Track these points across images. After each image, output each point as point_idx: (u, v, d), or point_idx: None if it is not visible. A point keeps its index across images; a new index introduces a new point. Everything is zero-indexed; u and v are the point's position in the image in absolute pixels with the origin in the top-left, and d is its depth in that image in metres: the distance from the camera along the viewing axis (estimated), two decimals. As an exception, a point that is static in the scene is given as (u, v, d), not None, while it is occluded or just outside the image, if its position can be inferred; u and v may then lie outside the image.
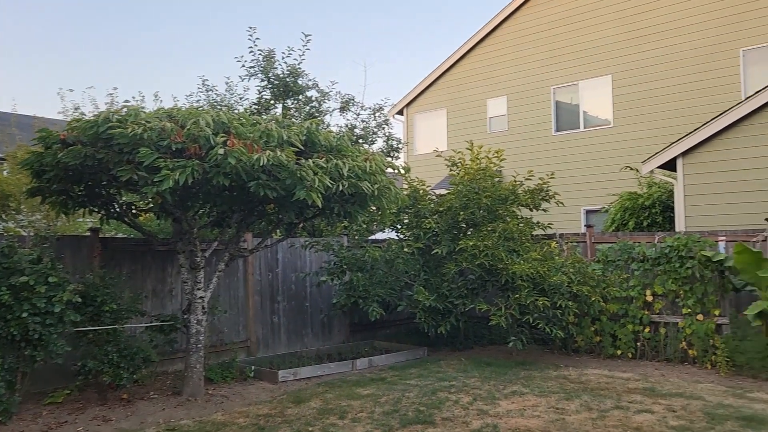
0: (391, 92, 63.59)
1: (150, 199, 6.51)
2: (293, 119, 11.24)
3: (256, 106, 12.08)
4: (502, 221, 9.82)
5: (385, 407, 6.70)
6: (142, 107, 6.88)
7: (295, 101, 12.36)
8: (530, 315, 8.76)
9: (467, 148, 10.41)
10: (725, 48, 14.19)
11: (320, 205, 6.32)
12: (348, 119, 14.03)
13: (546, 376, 8.17)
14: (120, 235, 10.49)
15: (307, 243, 9.80)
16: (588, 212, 16.05)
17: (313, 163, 6.30)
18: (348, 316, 10.65)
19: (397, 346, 10.21)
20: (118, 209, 7.62)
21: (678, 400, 6.86)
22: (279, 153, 6.03)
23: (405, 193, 10.15)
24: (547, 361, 9.25)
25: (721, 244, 9.20)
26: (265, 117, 7.41)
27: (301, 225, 9.10)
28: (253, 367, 8.40)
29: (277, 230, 8.97)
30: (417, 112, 20.19)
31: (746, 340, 8.12)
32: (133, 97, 22.08)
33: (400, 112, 20.45)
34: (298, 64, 12.18)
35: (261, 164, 5.90)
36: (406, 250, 9.78)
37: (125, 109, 6.34)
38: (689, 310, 8.89)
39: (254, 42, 12.04)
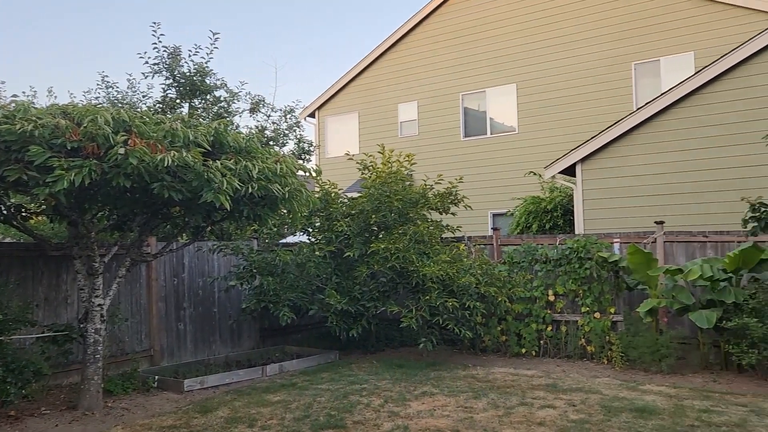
0: (303, 94, 63.16)
1: (42, 201, 6.08)
2: (200, 119, 10.88)
3: (161, 105, 11.60)
4: (413, 224, 9.95)
5: (296, 413, 6.60)
6: (33, 103, 6.41)
7: (203, 101, 11.97)
8: (440, 316, 8.92)
9: (379, 152, 10.47)
10: (619, 61, 15.12)
11: (229, 208, 6.13)
12: (258, 121, 13.79)
13: (455, 376, 8.34)
14: (8, 240, 9.74)
15: (215, 247, 9.50)
16: (495, 215, 16.59)
17: (222, 164, 6.11)
18: (258, 321, 10.42)
19: (309, 351, 10.10)
20: (5, 212, 7.07)
21: (578, 394, 7.20)
22: (185, 154, 5.80)
23: (317, 196, 10.06)
24: (457, 361, 9.45)
25: (616, 246, 9.77)
26: (170, 116, 7.11)
27: (209, 228, 8.82)
28: (156, 377, 8.03)
29: (184, 234, 8.64)
30: (329, 114, 20.14)
31: (638, 336, 8.64)
32: (24, 92, 20.66)
33: (312, 115, 20.33)
34: (206, 63, 11.81)
35: (165, 165, 5.65)
36: (317, 253, 9.70)
37: (13, 105, 5.90)
38: (588, 308, 9.36)
39: (158, 38, 11.56)
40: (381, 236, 9.96)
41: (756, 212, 7.41)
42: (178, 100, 11.74)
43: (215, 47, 11.67)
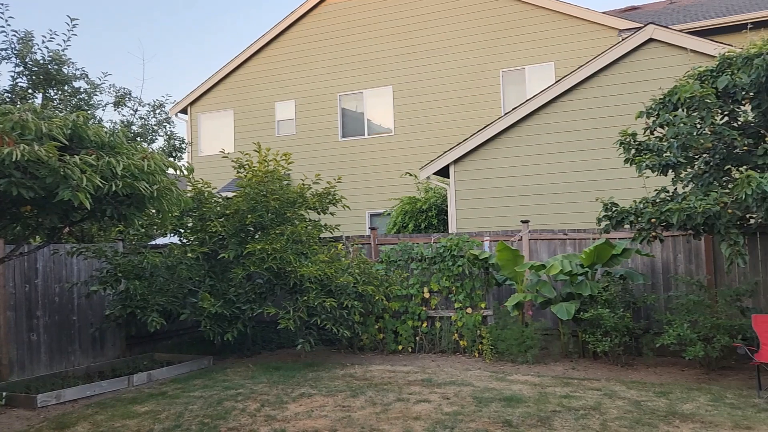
0: (175, 89, 60.32)
1: None
2: (57, 111, 10.01)
3: (9, 95, 10.53)
4: (291, 224, 9.81)
5: (165, 423, 6.25)
6: None
7: (60, 92, 11.02)
8: (318, 316, 8.87)
9: (255, 150, 10.22)
10: (489, 68, 15.87)
11: (89, 207, 5.67)
12: (124, 115, 12.92)
13: (333, 376, 8.32)
14: None
15: (74, 249, 8.78)
16: (372, 215, 16.79)
17: (81, 160, 5.64)
18: (124, 328, 9.77)
19: (180, 357, 9.64)
20: None
21: (451, 388, 7.44)
22: (37, 147, 5.29)
23: (189, 195, 9.63)
24: (335, 361, 9.44)
25: (486, 244, 10.23)
26: (20, 106, 6.45)
27: (68, 229, 8.13)
28: (4, 394, 7.27)
29: (37, 236, 7.90)
30: (202, 111, 19.38)
31: (506, 329, 9.11)
32: None
33: (184, 111, 19.47)
34: (63, 50, 10.88)
35: (14, 159, 5.12)
36: (189, 255, 9.28)
37: None
38: (460, 304, 9.72)
39: (6, 21, 10.50)
40: (258, 237, 9.73)
41: (608, 211, 8.05)
42: (30, 90, 10.72)
43: (73, 34, 10.79)
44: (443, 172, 12.72)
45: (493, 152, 12.13)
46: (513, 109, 12.09)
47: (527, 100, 11.95)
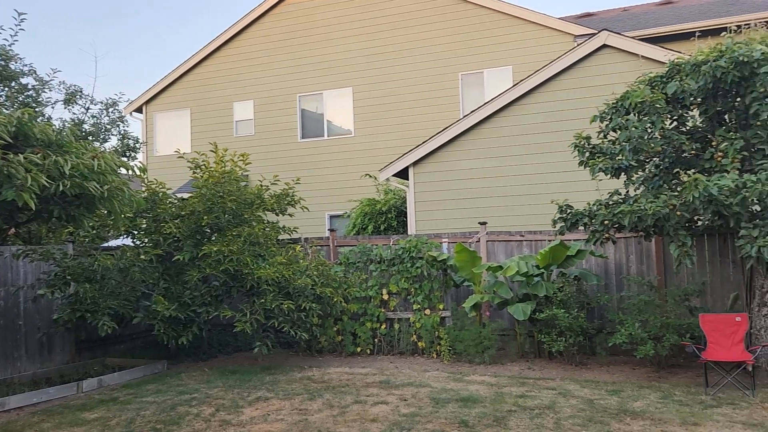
0: (129, 88, 58.99)
1: None
2: (2, 108, 9.66)
3: (-47, 91, 10.13)
4: (248, 226, 9.67)
5: (116, 430, 6.07)
6: None
7: (6, 88, 10.63)
8: (275, 319, 8.77)
9: (211, 150, 10.05)
10: (448, 71, 15.99)
11: (34, 208, 5.49)
12: (75, 113, 12.54)
13: (291, 379, 8.23)
14: None
15: (20, 252, 8.47)
16: (332, 217, 16.73)
17: (25, 158, 5.45)
18: (73, 332, 9.47)
19: (133, 362, 9.40)
20: None
21: (409, 389, 7.45)
22: (-21, 145, 5.10)
23: (143, 195, 9.41)
24: (293, 364, 9.35)
25: (445, 245, 10.29)
26: (-38, 103, 6.20)
27: (13, 231, 7.84)
28: (-56, 403, 6.96)
29: (-20, 237, 7.60)
30: (158, 110, 18.99)
31: (464, 330, 9.17)
32: None
33: (139, 110, 19.04)
34: (10, 46, 10.51)
35: (-47, 157, 4.92)
36: (143, 257, 9.06)
37: None
38: (419, 305, 9.75)
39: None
40: (214, 238, 9.57)
41: (563, 213, 8.19)
42: (-26, 87, 10.34)
43: (21, 29, 10.43)
44: (403, 174, 12.75)
45: (451, 154, 12.22)
46: (471, 112, 12.21)
47: (485, 104, 12.08)
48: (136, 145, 13.28)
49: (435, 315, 9.63)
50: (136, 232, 9.65)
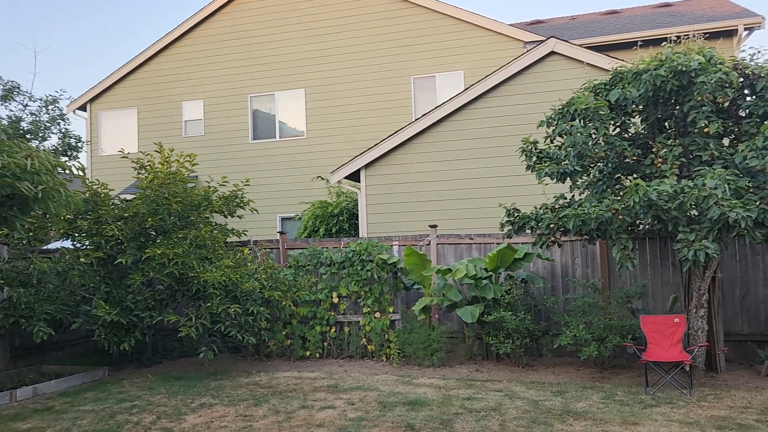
0: (72, 85, 57.09)
1: None
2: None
3: None
4: (195, 228, 9.46)
5: (49, 441, 5.83)
6: None
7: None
8: (222, 323, 8.59)
9: (156, 151, 9.79)
10: (400, 74, 16.04)
11: (-39, 209, 5.22)
12: (12, 110, 12.03)
13: (237, 384, 8.08)
14: None
15: (-50, 255, 8.07)
16: (284, 219, 16.55)
17: (-48, 157, 5.18)
18: (7, 339, 9.07)
19: (72, 369, 9.06)
20: None
21: (357, 393, 7.40)
22: None
23: (84, 197, 9.10)
24: (240, 369, 9.18)
25: (395, 248, 10.30)
26: None
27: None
28: None
29: None
30: (104, 109, 18.41)
31: (414, 333, 9.18)
32: None
33: (83, 108, 18.42)
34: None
35: None
36: (83, 260, 8.74)
37: None
38: (369, 308, 9.71)
39: None
40: (159, 241, 9.32)
41: (511, 217, 8.30)
42: None
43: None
44: (354, 177, 12.71)
45: (403, 157, 12.24)
46: (423, 115, 12.27)
47: (437, 107, 12.15)
48: (78, 144, 12.82)
49: (385, 318, 9.62)
50: (76, 235, 9.31)
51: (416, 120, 12.31)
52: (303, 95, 16.82)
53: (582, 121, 7.71)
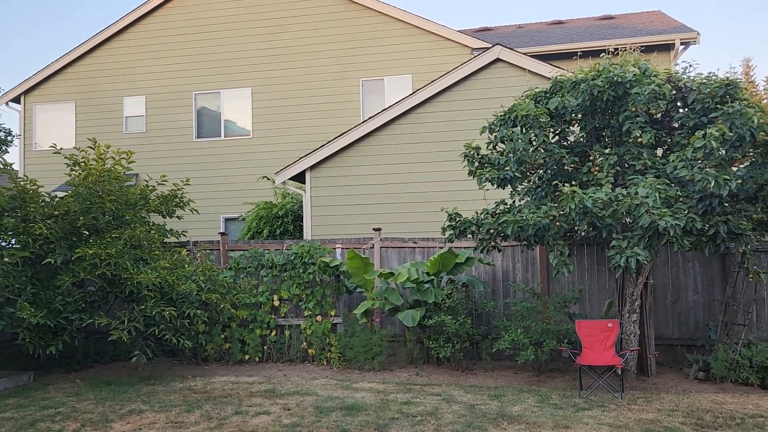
0: (4, 77, 54.71)
1: None
2: None
3: None
4: (130, 228, 9.14)
5: (-39, 452, 5.50)
6: None
7: None
8: (156, 326, 8.33)
9: (90, 147, 9.42)
10: (349, 76, 15.98)
11: None
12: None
13: (170, 389, 7.83)
14: None
15: None
16: (227, 220, 16.24)
17: None
18: (-76, 343, 8.56)
19: (-6, 374, 8.61)
20: None
21: (294, 398, 7.28)
22: None
23: (9, 193, 8.68)
24: (175, 373, 8.91)
25: (338, 251, 10.21)
26: None
27: None
28: None
29: None
30: (39, 101, 17.67)
31: (355, 336, 9.11)
32: None
33: (16, 100, 17.66)
34: None
35: None
36: (7, 260, 8.31)
37: None
38: (310, 312, 9.60)
39: None
40: (91, 241, 8.96)
41: (452, 221, 8.33)
42: None
43: None
44: (300, 178, 12.56)
45: (349, 160, 12.17)
46: (370, 118, 12.23)
47: (383, 110, 12.14)
48: (9, 137, 12.24)
49: (326, 321, 9.52)
50: (1, 233, 8.86)
51: (363, 122, 12.27)
52: (249, 94, 16.55)
53: (522, 128, 7.82)
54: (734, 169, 7.33)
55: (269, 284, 9.82)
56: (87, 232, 9.09)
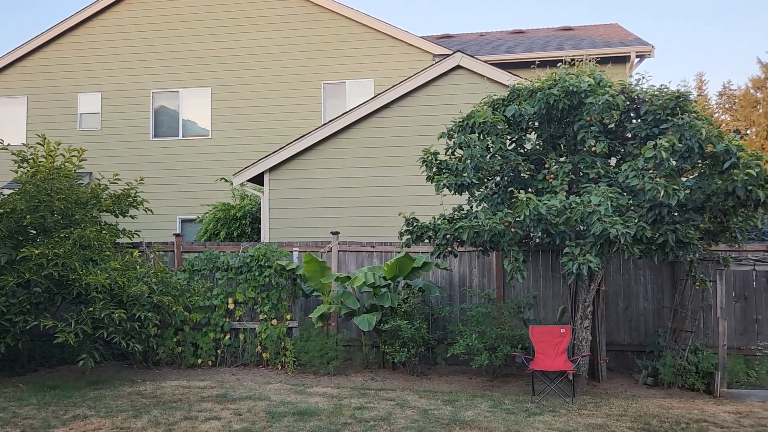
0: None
1: None
2: None
3: None
4: (80, 227, 8.88)
5: None
6: None
7: None
8: (105, 329, 8.10)
9: (38, 143, 9.13)
10: (311, 78, 15.89)
11: None
12: None
13: (118, 394, 7.62)
14: None
15: None
16: (184, 221, 15.95)
17: None
18: None
19: (-69, 378, 8.24)
20: None
21: (246, 403, 7.16)
22: None
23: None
24: (125, 378, 8.68)
25: (295, 254, 10.12)
26: None
27: None
28: None
29: None
30: (-12, 95, 17.07)
31: (310, 341, 9.03)
32: None
33: (-35, 93, 17.02)
34: None
35: None
36: (-55, 259, 7.99)
37: None
38: (266, 315, 9.48)
39: None
40: (39, 240, 8.67)
41: (410, 226, 8.34)
42: None
43: None
44: (258, 180, 12.42)
45: (309, 162, 12.10)
46: (330, 121, 12.18)
47: (344, 113, 12.11)
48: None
49: (282, 325, 9.42)
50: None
51: (323, 125, 12.21)
52: (209, 94, 16.31)
53: (480, 134, 7.89)
54: (683, 179, 7.52)
55: (224, 287, 9.66)
56: (34, 231, 8.80)
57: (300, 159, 12.10)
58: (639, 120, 7.88)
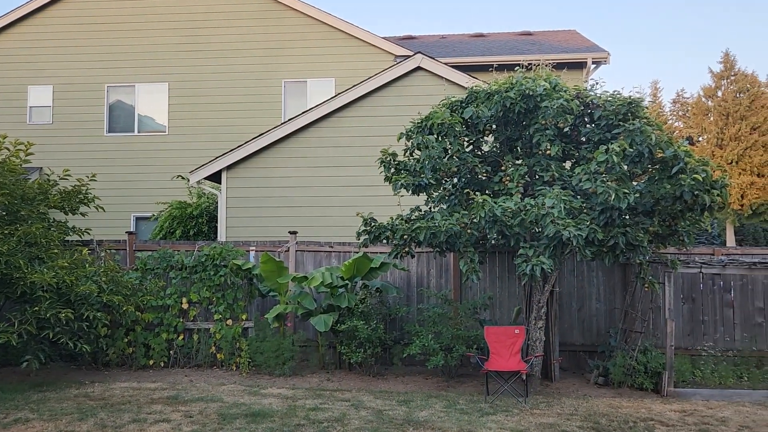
0: None
1: None
2: None
3: None
4: (26, 224, 8.58)
5: None
6: None
7: None
8: (51, 329, 7.84)
9: (-18, 137, 8.80)
10: (271, 77, 15.73)
11: None
12: None
13: (64, 397, 7.38)
14: None
15: None
16: (139, 219, 15.59)
17: None
18: None
19: None
20: None
21: (198, 404, 7.03)
22: None
23: None
24: (72, 379, 8.42)
25: (252, 254, 9.99)
26: None
27: None
28: None
29: None
30: (-69, 85, 16.37)
31: (266, 341, 8.92)
32: None
33: None
34: None
35: None
36: None
37: None
38: (221, 315, 9.33)
39: None
40: (-19, 237, 8.34)
41: (368, 226, 8.32)
42: None
43: None
44: (216, 178, 12.23)
45: (268, 161, 11.96)
46: (290, 119, 12.08)
47: (304, 112, 12.02)
48: None
49: (237, 326, 9.28)
50: None
51: (283, 123, 12.09)
52: (167, 89, 15.98)
53: (438, 135, 7.92)
54: (634, 183, 7.69)
55: (178, 286, 9.48)
56: (-23, 228, 8.45)
57: (259, 157, 11.96)
58: (593, 124, 8.02)
